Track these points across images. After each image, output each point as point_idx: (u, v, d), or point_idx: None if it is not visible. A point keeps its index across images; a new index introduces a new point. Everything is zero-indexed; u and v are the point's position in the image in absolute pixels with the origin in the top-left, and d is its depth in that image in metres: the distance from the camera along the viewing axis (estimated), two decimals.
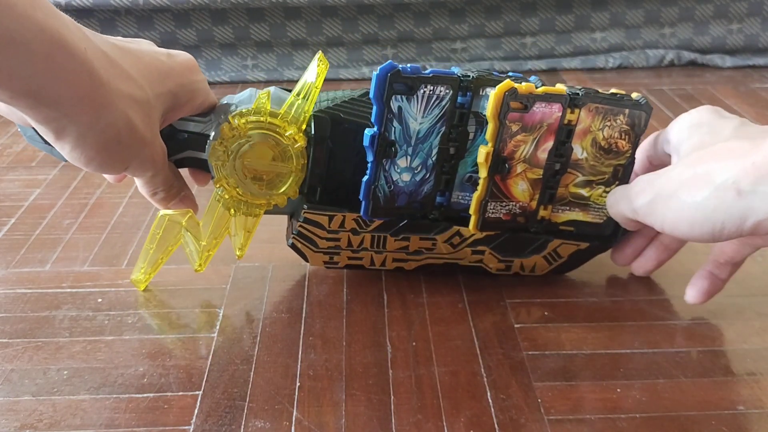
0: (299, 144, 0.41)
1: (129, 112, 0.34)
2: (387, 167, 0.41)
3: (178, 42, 0.89)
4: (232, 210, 0.44)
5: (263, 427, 0.36)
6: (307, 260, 0.47)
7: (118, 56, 0.34)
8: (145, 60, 0.36)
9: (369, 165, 0.41)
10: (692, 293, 0.44)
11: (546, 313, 0.45)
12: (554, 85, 0.41)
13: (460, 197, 0.43)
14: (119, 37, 0.37)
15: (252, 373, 0.40)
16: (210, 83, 0.90)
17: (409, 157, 0.41)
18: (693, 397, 0.38)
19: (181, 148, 0.42)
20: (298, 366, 0.41)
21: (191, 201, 0.44)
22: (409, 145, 0.41)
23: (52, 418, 0.37)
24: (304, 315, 0.45)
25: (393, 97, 0.39)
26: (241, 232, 0.45)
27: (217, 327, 0.44)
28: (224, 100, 0.42)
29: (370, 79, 0.39)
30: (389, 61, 0.39)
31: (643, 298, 0.47)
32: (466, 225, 0.44)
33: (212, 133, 0.41)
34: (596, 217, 0.45)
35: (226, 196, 0.43)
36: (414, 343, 0.43)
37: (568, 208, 0.44)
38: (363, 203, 0.42)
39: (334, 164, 0.43)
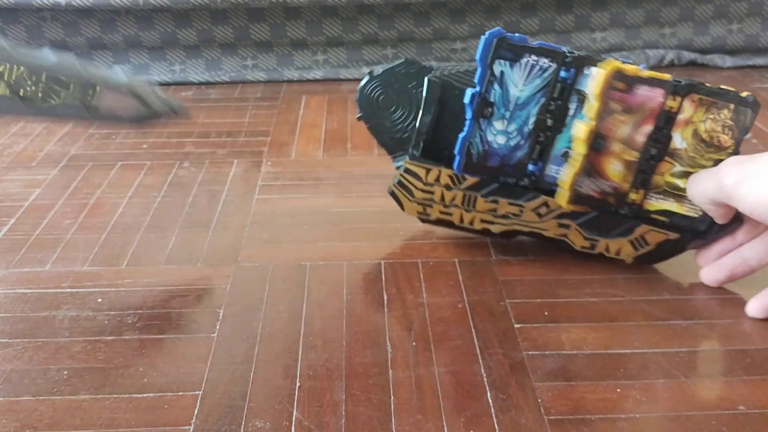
0: None
1: None
2: (483, 127, 0.44)
3: (178, 42, 0.89)
4: None
5: (263, 427, 0.36)
6: (403, 209, 0.50)
7: None
8: None
9: (467, 122, 0.44)
10: (754, 307, 0.45)
11: (546, 313, 0.45)
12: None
13: (553, 170, 0.45)
14: None
15: (252, 373, 0.40)
16: (210, 83, 0.91)
17: (505, 121, 0.44)
18: (693, 397, 0.38)
19: None
20: (298, 366, 0.41)
21: None
22: (507, 109, 0.43)
23: (52, 418, 0.37)
24: (304, 315, 0.45)
25: (497, 61, 0.42)
26: None
27: (217, 327, 0.44)
28: None
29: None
30: (498, 27, 0.42)
31: (643, 298, 0.47)
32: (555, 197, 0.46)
33: None
34: (691, 211, 0.45)
35: None
36: (414, 343, 0.43)
37: (662, 197, 0.45)
38: (457, 158, 0.45)
39: (438, 126, 0.46)
